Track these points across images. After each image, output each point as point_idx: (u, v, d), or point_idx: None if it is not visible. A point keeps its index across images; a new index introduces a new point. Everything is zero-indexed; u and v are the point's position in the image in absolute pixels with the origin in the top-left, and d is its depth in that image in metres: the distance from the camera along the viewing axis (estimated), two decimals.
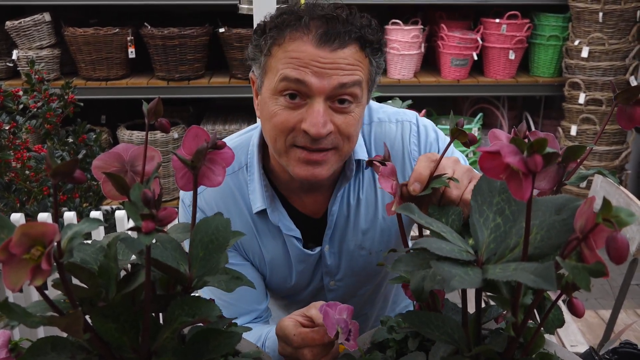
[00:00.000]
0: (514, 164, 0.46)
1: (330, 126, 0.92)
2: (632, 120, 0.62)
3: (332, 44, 0.90)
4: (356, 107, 0.95)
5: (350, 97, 0.93)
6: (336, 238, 1.12)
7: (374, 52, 0.96)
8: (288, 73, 0.91)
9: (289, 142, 0.95)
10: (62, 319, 0.52)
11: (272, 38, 0.93)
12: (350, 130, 0.95)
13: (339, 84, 0.91)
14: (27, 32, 3.48)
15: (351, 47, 0.92)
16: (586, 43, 3.44)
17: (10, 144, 2.10)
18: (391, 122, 1.11)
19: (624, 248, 0.47)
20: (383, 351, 0.76)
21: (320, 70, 0.90)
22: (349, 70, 0.91)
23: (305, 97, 0.92)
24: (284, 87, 0.92)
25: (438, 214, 0.67)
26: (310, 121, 0.91)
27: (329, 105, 0.93)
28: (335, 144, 0.95)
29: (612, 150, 3.55)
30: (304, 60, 0.90)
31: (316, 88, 0.91)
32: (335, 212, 1.09)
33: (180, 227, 0.68)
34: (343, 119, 0.94)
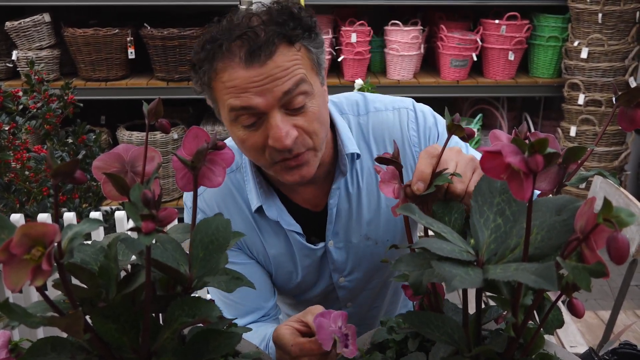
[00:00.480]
0: (515, 163, 0.47)
1: (293, 132, 0.93)
2: (633, 122, 0.62)
3: (260, 59, 0.89)
4: (311, 100, 0.94)
5: (302, 96, 0.93)
6: (340, 232, 1.11)
7: (305, 38, 0.94)
8: (232, 103, 0.92)
9: (269, 160, 0.96)
10: (62, 319, 0.52)
11: (206, 73, 0.94)
12: (314, 127, 0.95)
13: (283, 93, 0.91)
14: (26, 33, 3.48)
15: (279, 51, 0.90)
16: (585, 44, 3.44)
17: (10, 145, 2.10)
18: (387, 110, 1.11)
19: (624, 248, 0.47)
20: (383, 352, 0.76)
21: (260, 90, 0.90)
22: (287, 76, 0.91)
23: (261, 115, 0.92)
24: (235, 116, 0.93)
25: (441, 212, 0.67)
26: (272, 137, 0.92)
27: (284, 112, 0.93)
28: (306, 145, 0.96)
29: (611, 151, 3.55)
30: (240, 86, 0.90)
31: (264, 106, 0.91)
32: (334, 205, 1.09)
33: (180, 227, 0.68)
34: (303, 118, 0.94)
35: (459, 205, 0.68)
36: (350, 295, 1.19)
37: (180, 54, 3.48)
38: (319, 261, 1.14)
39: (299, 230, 1.10)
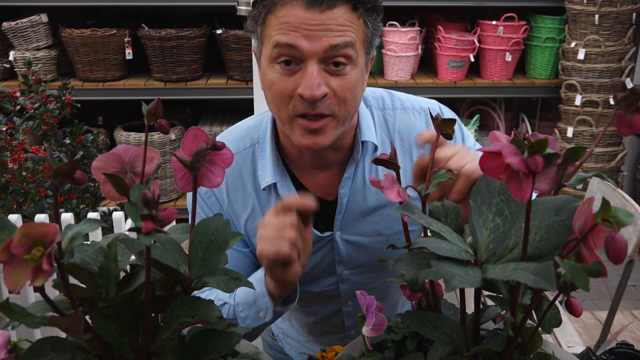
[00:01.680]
0: (514, 164, 0.47)
1: (324, 88, 0.92)
2: (632, 127, 0.62)
3: (321, 5, 0.90)
4: (352, 69, 0.94)
5: (344, 58, 0.93)
6: (349, 224, 1.10)
7: (368, 13, 0.95)
8: (279, 39, 0.91)
9: (291, 112, 0.95)
10: (62, 319, 0.52)
11: (265, 7, 0.94)
12: (345, 94, 0.94)
13: (330, 46, 0.91)
14: (24, 33, 3.47)
15: (341, 7, 0.91)
16: (582, 45, 3.45)
17: (7, 145, 2.10)
18: (415, 109, 1.11)
19: (622, 248, 0.47)
20: (381, 351, 0.76)
21: (309, 33, 0.90)
22: (339, 32, 0.91)
23: (299, 61, 0.92)
24: (277, 54, 0.93)
25: (439, 212, 0.67)
26: (304, 84, 0.91)
27: (323, 68, 0.92)
28: (331, 109, 0.95)
29: (608, 151, 3.56)
30: (293, 24, 0.90)
31: (307, 51, 0.91)
32: (345, 195, 1.07)
33: (179, 227, 0.68)
34: (338, 81, 0.93)
35: (455, 205, 0.68)
36: (352, 292, 1.17)
37: (178, 55, 3.48)
38: (323, 250, 1.11)
39: None
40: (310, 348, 1.32)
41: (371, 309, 0.71)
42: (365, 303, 0.72)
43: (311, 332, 1.29)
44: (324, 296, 1.18)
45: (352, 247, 1.11)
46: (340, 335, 1.25)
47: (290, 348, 1.37)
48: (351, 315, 1.21)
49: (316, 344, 1.30)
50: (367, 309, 0.71)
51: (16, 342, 0.65)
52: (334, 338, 1.26)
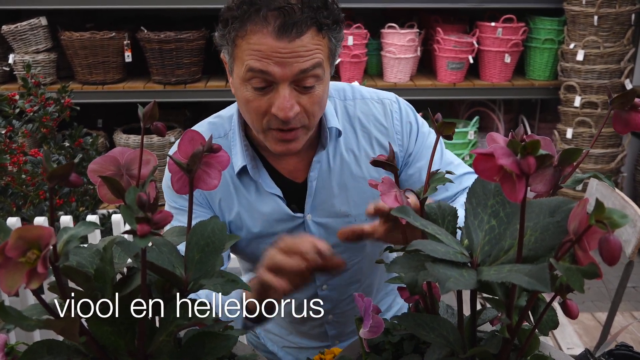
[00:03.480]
0: (507, 165, 0.47)
1: (296, 108, 1.00)
2: (628, 125, 0.62)
3: (290, 35, 0.96)
4: (319, 85, 1.02)
5: (313, 79, 1.00)
6: (319, 207, 1.16)
7: (332, 30, 1.01)
8: (252, 64, 0.98)
9: (265, 126, 1.03)
10: (58, 322, 0.52)
11: (235, 30, 0.99)
12: (314, 108, 1.03)
13: (300, 70, 0.97)
14: (23, 37, 3.48)
15: (308, 33, 0.97)
16: (581, 46, 3.46)
17: (6, 148, 2.10)
18: (373, 99, 1.20)
19: (616, 249, 0.47)
20: (379, 354, 0.76)
21: (281, 60, 0.96)
22: (308, 56, 0.98)
23: (271, 83, 0.99)
24: (250, 77, 0.99)
25: (435, 215, 0.67)
26: (278, 106, 0.99)
27: (294, 88, 1.00)
28: (302, 122, 1.03)
29: (607, 153, 3.56)
30: (265, 52, 0.96)
31: (279, 76, 0.98)
32: (314, 178, 1.15)
33: (176, 230, 0.68)
34: (308, 98, 1.01)
35: (452, 207, 0.68)
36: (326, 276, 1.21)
37: (177, 57, 3.49)
38: (296, 232, 1.17)
39: (279, 193, 1.15)
40: (291, 341, 1.35)
41: (368, 311, 0.71)
42: (363, 305, 0.72)
43: (291, 322, 1.31)
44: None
45: (323, 229, 1.17)
46: (319, 321, 1.28)
47: (272, 344, 1.40)
48: (327, 298, 1.24)
49: (297, 335, 1.33)
50: (364, 311, 0.71)
51: (13, 344, 0.65)
52: (313, 325, 1.30)
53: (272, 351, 1.40)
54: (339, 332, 1.30)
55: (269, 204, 1.15)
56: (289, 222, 1.16)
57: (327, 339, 1.31)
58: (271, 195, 1.14)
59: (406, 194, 0.72)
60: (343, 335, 1.31)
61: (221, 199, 1.17)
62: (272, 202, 1.15)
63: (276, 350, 1.39)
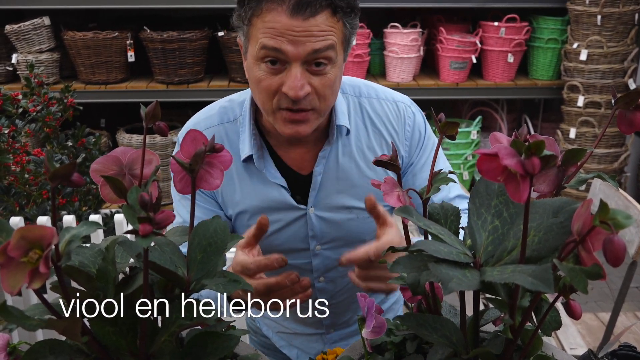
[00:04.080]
0: (511, 166, 0.47)
1: (307, 88, 1.01)
2: (632, 125, 0.62)
3: (304, 13, 0.96)
4: (331, 68, 1.03)
5: (325, 60, 1.01)
6: (322, 201, 1.17)
7: (347, 15, 1.02)
8: (266, 42, 0.99)
9: (275, 105, 1.04)
10: (60, 322, 0.52)
11: (251, 9, 1.00)
12: (325, 91, 1.03)
13: (313, 50, 0.98)
14: (26, 36, 3.48)
15: (323, 14, 0.98)
16: (585, 46, 3.45)
17: (9, 148, 2.11)
18: (388, 100, 1.21)
19: (620, 250, 0.47)
20: (381, 354, 0.76)
21: (294, 39, 0.97)
22: (321, 37, 0.98)
23: (284, 62, 1.00)
24: (264, 55, 1.00)
25: (437, 215, 0.67)
26: (289, 85, 0.99)
27: (305, 68, 1.01)
28: (313, 104, 1.03)
29: (611, 152, 3.55)
30: (279, 30, 0.97)
31: (292, 55, 0.98)
32: (320, 172, 1.16)
33: (178, 230, 0.68)
34: (319, 80, 1.02)
35: (455, 207, 0.68)
36: (324, 267, 1.23)
37: (180, 57, 3.49)
38: (298, 224, 1.18)
39: (284, 184, 1.16)
40: (287, 326, 1.36)
41: (371, 311, 0.70)
42: (365, 305, 0.71)
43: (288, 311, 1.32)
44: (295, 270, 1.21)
45: (324, 222, 1.18)
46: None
47: (267, 329, 1.41)
48: (323, 290, 1.25)
49: (293, 321, 1.34)
50: (367, 311, 0.71)
51: (15, 344, 0.65)
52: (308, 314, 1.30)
53: (266, 335, 1.41)
54: (334, 321, 1.32)
55: (272, 193, 1.16)
56: (291, 212, 1.17)
57: (322, 327, 1.33)
58: (275, 185, 1.15)
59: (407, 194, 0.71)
60: (338, 325, 1.32)
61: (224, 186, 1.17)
62: (276, 192, 1.16)
63: (271, 334, 1.40)
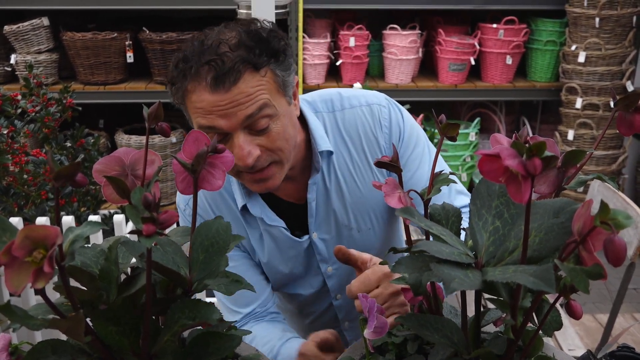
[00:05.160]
0: (513, 166, 0.47)
1: (255, 152, 0.99)
2: (632, 127, 0.62)
3: (224, 85, 0.94)
4: (274, 122, 1.00)
5: (265, 119, 0.98)
6: (323, 224, 1.17)
7: (272, 63, 0.99)
8: (200, 121, 0.98)
9: (235, 170, 1.03)
10: (63, 321, 0.52)
11: (178, 90, 1.00)
12: (276, 145, 1.01)
13: (245, 117, 0.96)
14: (25, 37, 3.48)
15: (244, 78, 0.95)
16: (583, 48, 3.46)
17: (8, 148, 2.10)
18: (361, 105, 1.16)
19: (621, 250, 0.47)
20: (382, 354, 0.76)
21: (223, 113, 0.96)
22: (250, 101, 0.96)
23: (226, 134, 0.98)
24: (205, 132, 0.98)
25: (439, 215, 0.67)
26: (236, 156, 0.97)
27: (247, 132, 0.98)
28: (270, 160, 1.02)
29: (609, 154, 3.56)
30: (206, 108, 0.96)
31: (227, 127, 0.97)
32: (313, 199, 1.15)
33: (180, 230, 0.68)
34: (266, 138, 1.00)
35: (456, 208, 0.68)
36: (339, 286, 1.24)
37: None
38: (305, 253, 1.19)
39: (283, 224, 1.16)
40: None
41: (372, 311, 0.71)
42: (367, 306, 0.72)
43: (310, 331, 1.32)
44: (314, 294, 1.25)
45: (329, 244, 1.18)
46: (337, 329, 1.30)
47: None
48: (342, 307, 1.26)
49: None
50: (369, 311, 0.71)
51: (17, 344, 0.65)
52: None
53: None
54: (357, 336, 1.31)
55: (274, 236, 1.16)
56: (297, 247, 1.18)
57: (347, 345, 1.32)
58: (275, 228, 1.16)
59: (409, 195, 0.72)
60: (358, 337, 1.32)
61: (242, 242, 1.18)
62: (278, 232, 1.16)
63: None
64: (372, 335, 0.70)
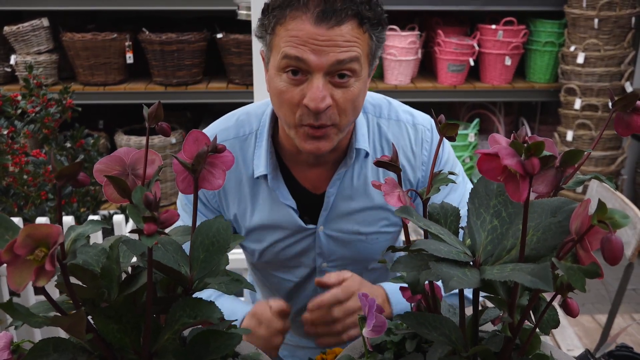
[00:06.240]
0: (511, 166, 0.47)
1: (328, 100, 0.97)
2: (629, 127, 0.63)
3: (329, 22, 0.94)
4: (355, 81, 0.99)
5: (349, 72, 0.98)
6: (332, 221, 1.17)
7: (373, 27, 0.99)
8: (288, 51, 0.96)
9: (298, 121, 1.01)
10: (65, 319, 0.53)
11: (275, 17, 0.98)
12: (347, 105, 1.00)
13: (336, 61, 0.95)
14: (25, 38, 3.48)
15: (348, 24, 0.95)
16: (582, 49, 3.46)
17: (8, 149, 2.11)
18: (408, 124, 1.18)
19: (618, 249, 0.48)
20: (381, 353, 0.77)
21: (318, 48, 0.95)
22: (345, 47, 0.95)
23: (306, 73, 0.97)
24: (285, 64, 0.97)
25: (437, 215, 0.68)
26: (310, 96, 0.96)
27: (328, 80, 0.98)
28: (333, 120, 1.00)
29: (608, 155, 3.56)
30: (302, 38, 0.95)
31: (314, 65, 0.95)
32: (333, 193, 1.14)
33: (181, 229, 0.69)
34: (342, 93, 0.99)
35: (454, 207, 0.69)
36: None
37: (179, 59, 3.49)
38: (306, 241, 1.18)
39: (294, 205, 1.15)
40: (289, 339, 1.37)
41: (372, 310, 0.71)
42: (366, 304, 0.72)
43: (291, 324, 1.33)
44: (300, 284, 1.24)
45: (333, 241, 1.18)
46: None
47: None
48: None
49: (296, 334, 1.35)
50: (368, 310, 0.72)
51: (18, 343, 0.65)
52: None
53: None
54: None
55: (281, 212, 1.15)
56: (300, 233, 1.17)
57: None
58: (285, 206, 1.14)
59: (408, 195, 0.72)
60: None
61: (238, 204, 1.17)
62: (285, 212, 1.15)
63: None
64: (371, 333, 0.70)
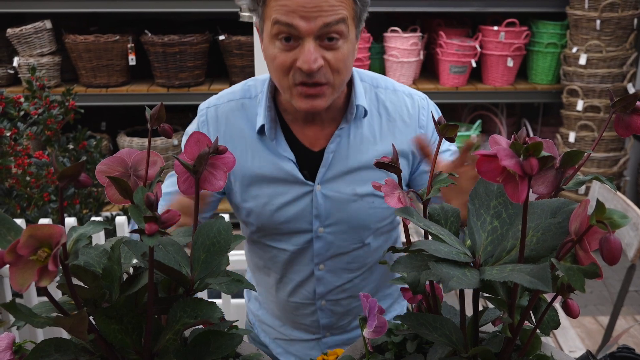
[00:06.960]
0: (510, 166, 0.48)
1: (320, 61, 1.05)
2: (629, 128, 0.63)
3: None
4: (344, 43, 1.07)
5: (337, 34, 1.05)
6: (330, 180, 1.20)
7: None
8: (279, 18, 1.03)
9: (291, 81, 1.08)
10: (67, 319, 0.53)
11: None
12: (339, 65, 1.07)
13: (324, 24, 1.03)
14: (28, 40, 3.50)
15: None
16: (584, 50, 3.46)
17: (11, 150, 2.11)
18: (404, 93, 1.26)
19: (616, 249, 0.48)
20: (382, 353, 0.77)
21: (306, 14, 1.02)
22: (332, 11, 1.03)
23: (297, 38, 1.05)
24: (277, 31, 1.05)
25: (438, 215, 0.68)
26: (302, 59, 1.04)
27: (318, 43, 1.05)
28: (327, 78, 1.07)
29: (610, 157, 3.56)
30: (291, 6, 1.02)
31: (304, 30, 1.03)
32: (332, 150, 1.19)
33: (182, 230, 0.69)
34: (332, 54, 1.06)
35: (454, 209, 0.69)
36: (325, 253, 1.24)
37: (181, 61, 3.50)
38: (304, 201, 1.20)
39: (293, 158, 1.19)
40: (283, 332, 1.37)
41: (373, 311, 0.71)
42: (367, 305, 0.72)
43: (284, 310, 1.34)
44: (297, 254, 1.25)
45: (330, 201, 1.21)
46: (312, 308, 1.30)
47: (265, 335, 1.42)
48: (322, 280, 1.27)
49: (290, 326, 1.35)
50: (369, 311, 0.72)
51: (21, 343, 0.66)
52: (305, 313, 1.31)
53: (263, 342, 1.42)
54: (331, 323, 1.31)
55: (281, 164, 1.19)
56: (298, 187, 1.20)
57: (319, 330, 1.33)
58: (285, 158, 1.19)
59: (409, 195, 0.72)
60: (334, 328, 1.32)
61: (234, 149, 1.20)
62: (285, 164, 1.19)
63: (268, 341, 1.41)
64: (372, 334, 0.71)
